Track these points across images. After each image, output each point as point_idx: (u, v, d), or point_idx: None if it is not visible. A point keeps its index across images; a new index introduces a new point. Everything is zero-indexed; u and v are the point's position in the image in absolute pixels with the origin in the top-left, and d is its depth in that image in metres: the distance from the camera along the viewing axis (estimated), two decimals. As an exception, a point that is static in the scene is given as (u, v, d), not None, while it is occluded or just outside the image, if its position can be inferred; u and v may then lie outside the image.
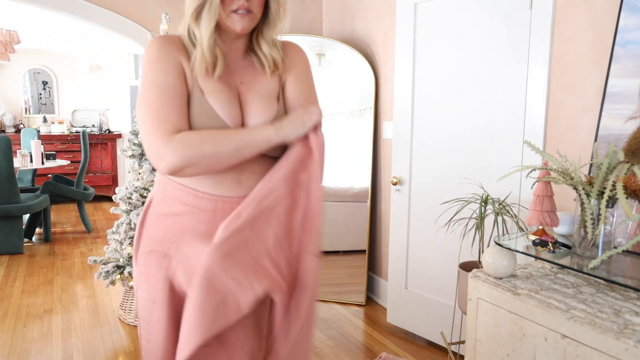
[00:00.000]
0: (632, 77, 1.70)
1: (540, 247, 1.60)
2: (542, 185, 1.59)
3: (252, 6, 1.17)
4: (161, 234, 1.25)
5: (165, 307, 1.24)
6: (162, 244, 1.25)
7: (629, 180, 1.40)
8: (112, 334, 2.81)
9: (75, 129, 7.21)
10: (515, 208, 2.17)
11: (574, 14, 1.98)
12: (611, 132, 1.73)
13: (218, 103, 1.18)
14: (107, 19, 3.38)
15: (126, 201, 2.87)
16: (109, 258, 2.92)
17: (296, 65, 1.30)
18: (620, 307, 1.35)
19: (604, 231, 1.45)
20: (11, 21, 5.45)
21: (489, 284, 1.57)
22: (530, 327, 1.42)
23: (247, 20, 1.18)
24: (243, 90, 1.24)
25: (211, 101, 1.18)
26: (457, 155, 2.46)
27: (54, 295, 3.39)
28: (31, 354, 2.57)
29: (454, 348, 2.43)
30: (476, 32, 2.33)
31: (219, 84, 1.21)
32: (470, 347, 1.65)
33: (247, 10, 1.17)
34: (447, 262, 2.54)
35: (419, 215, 2.68)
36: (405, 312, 2.79)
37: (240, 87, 1.25)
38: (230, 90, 1.22)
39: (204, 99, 1.18)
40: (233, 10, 1.17)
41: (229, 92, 1.21)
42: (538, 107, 2.11)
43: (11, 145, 4.20)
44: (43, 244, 4.74)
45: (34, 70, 7.19)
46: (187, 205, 1.22)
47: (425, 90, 2.59)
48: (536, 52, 2.09)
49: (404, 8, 2.64)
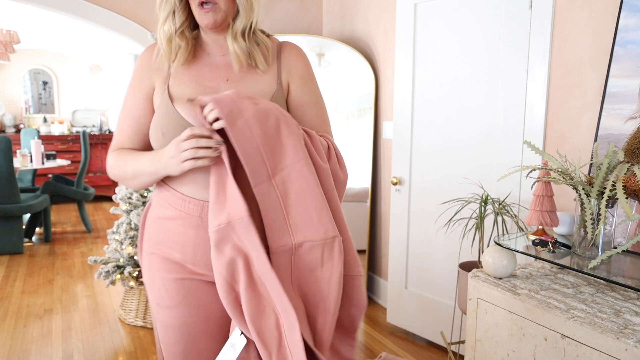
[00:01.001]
0: (632, 77, 1.70)
1: (540, 247, 1.60)
2: (542, 185, 1.59)
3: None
4: (158, 237, 1.24)
5: (171, 309, 1.22)
6: (160, 247, 1.24)
7: (629, 180, 1.40)
8: (112, 334, 2.81)
9: (75, 129, 7.22)
10: (515, 208, 2.17)
11: (573, 14, 1.98)
12: (611, 132, 1.73)
13: (185, 110, 1.15)
14: (107, 19, 3.38)
15: (126, 201, 2.87)
16: (109, 258, 2.92)
17: (299, 66, 1.27)
18: (620, 307, 1.35)
19: (604, 231, 1.45)
20: (11, 21, 5.44)
21: (489, 284, 1.57)
22: (530, 327, 1.42)
23: (211, 14, 1.14)
24: (228, 88, 1.19)
25: (179, 108, 1.15)
26: (457, 155, 2.46)
27: (54, 295, 3.39)
28: (31, 354, 2.57)
29: (454, 348, 2.43)
30: (476, 32, 2.33)
31: (192, 87, 1.19)
32: (470, 347, 1.65)
33: (212, 4, 1.13)
34: (447, 262, 2.54)
35: (418, 215, 2.68)
36: (405, 312, 2.79)
37: (224, 85, 1.20)
38: (206, 90, 1.18)
39: (171, 107, 1.16)
40: (199, 5, 1.14)
41: (203, 93, 1.16)
42: (538, 107, 2.11)
43: (11, 145, 4.20)
44: (43, 244, 4.74)
45: (34, 70, 7.19)
46: (176, 209, 1.20)
47: (425, 90, 2.59)
48: (536, 52, 2.10)
49: (404, 8, 2.64)
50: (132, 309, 2.93)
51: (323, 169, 1.15)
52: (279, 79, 1.24)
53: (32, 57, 7.11)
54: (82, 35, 5.91)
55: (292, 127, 1.12)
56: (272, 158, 1.09)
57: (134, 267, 2.83)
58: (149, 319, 2.88)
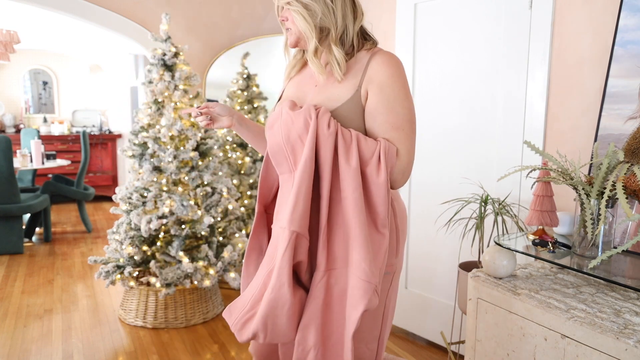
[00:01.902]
0: (632, 77, 1.70)
1: (540, 247, 1.60)
2: (542, 185, 1.60)
3: (287, 24, 1.39)
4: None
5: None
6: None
7: (628, 180, 1.40)
8: (112, 334, 2.81)
9: (75, 129, 7.21)
10: (515, 208, 2.17)
11: (574, 14, 1.98)
12: (611, 132, 1.73)
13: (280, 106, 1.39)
14: (107, 19, 3.38)
15: (126, 201, 2.87)
16: (109, 258, 2.92)
17: (380, 75, 1.35)
18: (620, 307, 1.35)
19: (604, 231, 1.45)
20: (11, 21, 5.44)
21: (489, 284, 1.57)
22: (530, 327, 1.42)
23: (287, 36, 1.41)
24: (314, 92, 1.41)
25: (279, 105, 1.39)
26: (457, 155, 2.46)
27: (54, 295, 3.39)
28: (31, 354, 2.57)
29: (454, 348, 2.43)
30: (476, 32, 2.33)
31: (294, 90, 1.47)
32: (470, 347, 1.65)
33: (286, 28, 1.40)
34: (447, 262, 2.54)
35: (418, 215, 2.68)
36: (405, 312, 2.79)
37: (313, 90, 1.42)
38: (299, 94, 1.45)
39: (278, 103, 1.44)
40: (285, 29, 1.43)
41: (297, 95, 1.45)
42: (538, 107, 2.11)
43: (11, 145, 4.20)
44: (43, 244, 4.74)
45: (34, 70, 7.19)
46: None
47: (425, 90, 2.60)
48: (536, 52, 2.10)
49: (404, 8, 2.64)
50: (132, 309, 2.93)
51: (344, 169, 1.28)
52: (359, 86, 1.35)
53: (32, 57, 7.12)
54: (82, 35, 5.91)
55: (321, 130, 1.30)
56: (294, 155, 1.33)
57: (134, 267, 2.83)
58: (149, 319, 2.88)
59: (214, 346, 2.66)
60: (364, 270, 1.23)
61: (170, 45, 2.91)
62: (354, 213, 1.25)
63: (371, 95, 1.34)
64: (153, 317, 2.88)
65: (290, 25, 1.36)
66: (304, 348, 1.28)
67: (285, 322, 1.27)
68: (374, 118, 1.34)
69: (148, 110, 2.95)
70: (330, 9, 1.34)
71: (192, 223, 2.84)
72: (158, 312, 2.88)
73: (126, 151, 2.94)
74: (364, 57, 1.39)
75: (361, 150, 1.29)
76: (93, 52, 6.97)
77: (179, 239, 2.79)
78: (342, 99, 1.35)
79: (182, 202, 2.78)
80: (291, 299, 1.26)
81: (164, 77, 2.89)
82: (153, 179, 2.85)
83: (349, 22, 1.38)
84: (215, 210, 2.92)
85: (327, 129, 1.29)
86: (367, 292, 1.23)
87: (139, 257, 2.82)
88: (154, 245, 2.87)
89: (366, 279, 1.23)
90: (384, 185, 1.27)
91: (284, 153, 1.33)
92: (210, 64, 3.64)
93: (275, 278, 1.25)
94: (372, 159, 1.28)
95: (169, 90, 2.90)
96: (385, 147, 1.29)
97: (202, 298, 2.97)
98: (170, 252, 2.79)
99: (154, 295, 2.87)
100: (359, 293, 1.23)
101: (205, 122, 1.46)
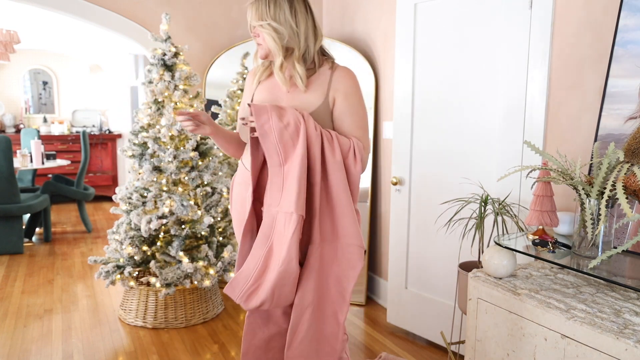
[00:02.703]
0: (631, 77, 1.70)
1: (540, 247, 1.60)
2: (542, 185, 1.60)
3: (259, 40, 1.66)
4: None
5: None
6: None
7: (629, 180, 1.40)
8: (112, 334, 2.81)
9: (75, 129, 7.21)
10: (515, 208, 2.17)
11: (574, 14, 1.98)
12: (611, 132, 1.73)
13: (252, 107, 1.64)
14: (107, 19, 3.38)
15: (126, 201, 2.87)
16: (109, 258, 2.92)
17: (343, 85, 1.68)
18: (620, 307, 1.35)
19: (604, 231, 1.45)
20: (11, 21, 5.44)
21: (489, 284, 1.57)
22: (530, 327, 1.42)
23: (258, 49, 1.69)
24: (288, 98, 1.68)
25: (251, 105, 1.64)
26: (457, 155, 2.46)
27: (54, 295, 3.39)
28: (31, 354, 2.57)
29: (454, 348, 2.43)
30: (476, 32, 2.33)
31: (266, 94, 1.71)
32: (470, 347, 1.65)
33: (258, 44, 1.68)
34: (447, 262, 2.54)
35: (419, 215, 2.68)
36: (405, 312, 2.79)
37: (286, 96, 1.69)
38: (272, 97, 1.70)
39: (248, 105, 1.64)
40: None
41: (269, 99, 1.70)
42: (538, 107, 2.11)
43: (11, 145, 4.20)
44: (43, 244, 4.74)
45: (34, 70, 7.19)
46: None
47: (425, 90, 2.59)
48: (536, 52, 2.09)
49: (404, 8, 2.64)
50: (132, 309, 2.93)
51: (331, 162, 1.58)
52: (327, 94, 1.67)
53: (32, 57, 7.11)
54: (82, 35, 5.91)
55: (311, 131, 1.56)
56: (284, 152, 1.57)
57: (134, 267, 2.83)
58: (149, 319, 2.88)
59: (214, 346, 2.66)
60: (358, 238, 1.58)
61: (170, 45, 2.90)
62: (343, 195, 1.57)
63: (338, 101, 1.66)
64: (153, 317, 2.88)
65: (261, 41, 1.64)
66: (302, 307, 1.61)
67: (289, 290, 1.56)
68: (342, 120, 1.66)
69: (148, 110, 2.95)
70: (295, 32, 1.61)
71: (192, 223, 2.84)
72: (158, 312, 2.88)
73: (126, 151, 2.94)
74: (326, 71, 1.69)
75: (341, 146, 1.60)
76: (93, 52, 6.97)
77: (179, 239, 2.79)
78: (314, 104, 1.65)
79: (182, 202, 2.78)
80: (297, 270, 1.56)
81: (164, 77, 2.89)
82: (153, 179, 2.85)
83: (311, 43, 1.65)
84: (215, 210, 2.92)
85: (315, 130, 1.57)
86: (360, 255, 1.60)
87: (139, 257, 2.82)
88: (154, 245, 2.87)
89: (360, 244, 1.59)
90: (359, 173, 1.64)
91: (276, 149, 1.58)
92: (210, 64, 3.64)
93: (286, 253, 1.50)
94: (350, 152, 1.61)
95: (169, 90, 2.90)
96: (357, 143, 1.63)
97: (202, 298, 2.97)
98: (170, 252, 2.78)
99: (154, 295, 2.87)
100: (355, 257, 1.59)
101: (191, 127, 1.67)
